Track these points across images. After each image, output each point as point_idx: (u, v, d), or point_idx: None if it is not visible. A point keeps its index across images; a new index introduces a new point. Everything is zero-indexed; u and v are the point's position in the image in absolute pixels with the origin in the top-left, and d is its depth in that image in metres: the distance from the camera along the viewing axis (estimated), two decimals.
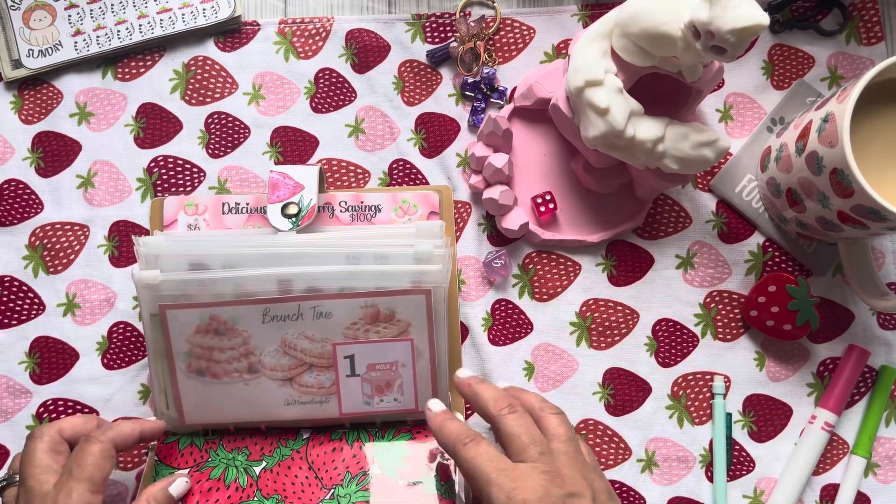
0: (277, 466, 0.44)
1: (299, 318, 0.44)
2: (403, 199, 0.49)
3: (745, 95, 0.52)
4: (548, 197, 0.50)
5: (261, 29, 0.52)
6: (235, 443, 0.46)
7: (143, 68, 0.51)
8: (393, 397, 0.45)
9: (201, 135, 0.51)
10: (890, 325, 0.51)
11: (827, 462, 0.50)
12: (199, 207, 0.48)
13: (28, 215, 0.50)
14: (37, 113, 0.51)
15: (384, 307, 0.44)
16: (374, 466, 0.44)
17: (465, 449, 0.37)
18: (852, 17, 0.52)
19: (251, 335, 0.44)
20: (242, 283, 0.43)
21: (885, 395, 0.50)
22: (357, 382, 0.45)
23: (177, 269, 0.44)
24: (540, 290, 0.51)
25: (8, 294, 0.50)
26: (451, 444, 0.38)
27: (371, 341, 0.44)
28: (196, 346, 0.44)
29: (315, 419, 0.46)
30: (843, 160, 0.40)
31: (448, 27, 0.52)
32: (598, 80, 0.42)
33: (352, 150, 0.51)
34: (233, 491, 0.43)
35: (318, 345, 0.44)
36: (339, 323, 0.44)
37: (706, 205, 0.52)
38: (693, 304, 0.51)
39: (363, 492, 0.43)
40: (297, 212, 0.46)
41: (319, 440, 0.46)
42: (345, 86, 0.52)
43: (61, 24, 0.51)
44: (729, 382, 0.50)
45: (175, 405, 0.45)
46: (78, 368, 0.50)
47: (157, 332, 0.44)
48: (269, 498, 0.43)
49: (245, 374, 0.45)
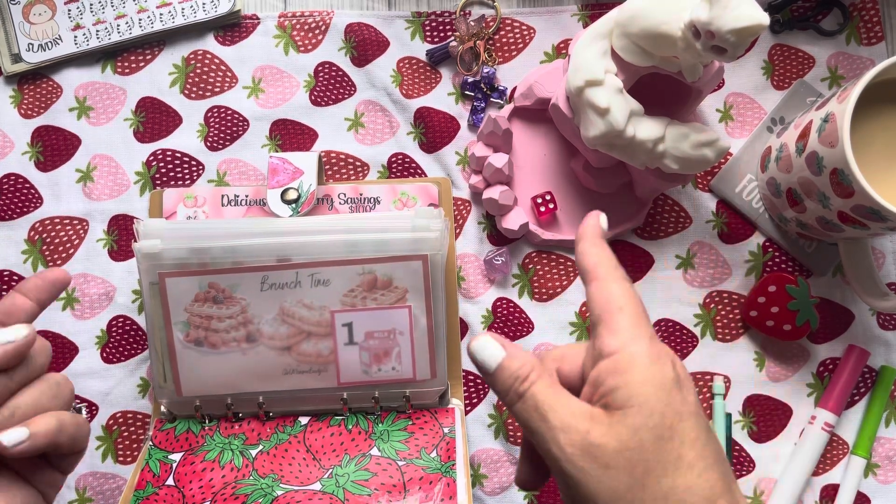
0: (274, 449, 0.44)
1: (297, 286, 0.44)
2: (402, 191, 0.49)
3: (745, 95, 0.52)
4: (548, 197, 0.50)
5: (260, 23, 0.52)
6: (232, 429, 0.46)
7: (143, 62, 0.51)
8: (391, 366, 0.45)
9: (200, 128, 0.51)
10: (890, 325, 0.51)
11: (827, 462, 0.50)
12: (199, 199, 0.48)
13: (27, 209, 0.50)
14: (36, 107, 0.51)
15: (382, 274, 0.44)
16: (373, 450, 0.44)
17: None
18: (852, 17, 0.52)
19: (249, 303, 0.44)
20: (241, 252, 0.44)
21: (884, 395, 0.50)
22: (355, 351, 0.45)
23: (177, 245, 0.44)
24: (540, 290, 0.50)
25: (7, 288, 0.50)
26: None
27: (369, 309, 0.45)
28: (195, 315, 0.44)
29: (313, 388, 0.46)
30: (844, 160, 0.40)
31: (448, 26, 0.52)
32: (598, 80, 0.42)
33: (351, 144, 0.51)
34: (227, 471, 0.43)
35: (316, 312, 0.45)
36: (337, 290, 0.44)
37: (706, 205, 0.52)
38: (693, 305, 0.51)
39: (362, 471, 0.43)
40: (296, 197, 0.46)
41: (318, 426, 0.46)
42: (344, 79, 0.52)
43: (61, 19, 0.51)
44: (729, 383, 0.50)
45: (172, 376, 0.45)
46: (77, 362, 0.49)
47: (155, 302, 0.44)
48: (265, 477, 0.43)
49: (243, 343, 0.45)
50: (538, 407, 0.28)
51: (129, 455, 0.49)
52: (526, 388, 0.29)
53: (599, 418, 0.27)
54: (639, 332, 0.28)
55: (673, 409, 0.27)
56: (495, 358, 0.30)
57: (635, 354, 0.28)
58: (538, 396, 0.28)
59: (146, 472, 0.43)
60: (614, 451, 0.26)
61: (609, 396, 0.27)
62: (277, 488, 0.42)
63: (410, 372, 0.45)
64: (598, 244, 0.31)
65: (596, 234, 0.32)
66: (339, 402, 0.46)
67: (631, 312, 0.29)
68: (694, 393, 0.28)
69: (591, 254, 0.31)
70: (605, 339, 0.28)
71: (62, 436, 0.31)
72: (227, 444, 0.45)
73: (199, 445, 0.45)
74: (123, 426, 0.49)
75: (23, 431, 0.30)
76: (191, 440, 0.45)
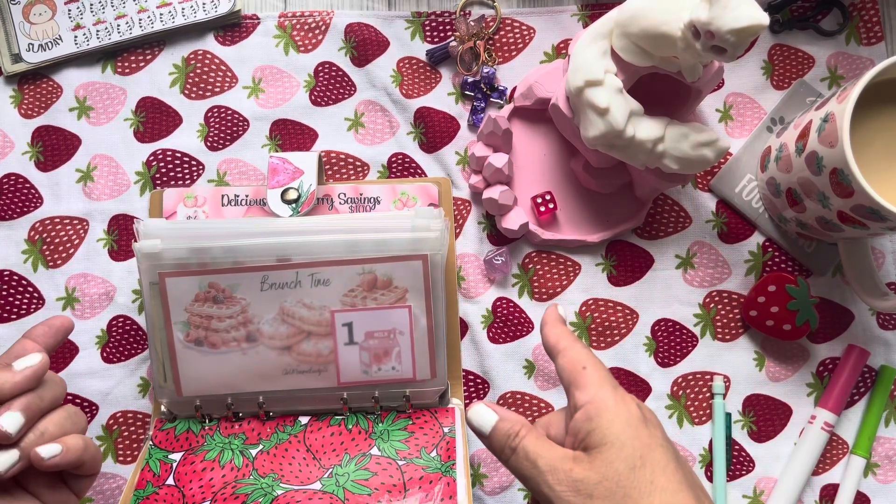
0: (274, 449, 0.44)
1: (297, 286, 0.44)
2: (402, 190, 0.49)
3: (745, 95, 0.52)
4: (548, 197, 0.50)
5: (261, 23, 0.52)
6: (232, 429, 0.46)
7: (143, 62, 0.51)
8: (391, 366, 0.45)
9: (200, 128, 0.51)
10: (890, 325, 0.51)
11: (826, 462, 0.50)
12: (199, 199, 0.48)
13: (27, 209, 0.50)
14: (36, 107, 0.51)
15: (381, 273, 0.44)
16: (373, 449, 0.44)
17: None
18: (852, 17, 0.52)
19: (249, 303, 0.44)
20: (241, 252, 0.44)
21: (884, 395, 0.50)
22: (355, 351, 0.45)
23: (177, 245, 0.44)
24: (539, 290, 0.51)
25: (7, 288, 0.50)
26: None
27: (369, 308, 0.45)
28: (195, 314, 0.44)
29: (313, 388, 0.46)
30: (843, 160, 0.40)
31: (448, 26, 0.52)
32: (598, 80, 0.42)
33: (351, 144, 0.51)
34: (227, 471, 0.43)
35: (316, 312, 0.45)
36: (337, 290, 0.44)
37: (706, 205, 0.52)
38: (692, 304, 0.51)
39: (362, 471, 0.43)
40: (296, 197, 0.46)
41: (318, 426, 0.46)
42: (344, 79, 0.52)
43: (61, 19, 0.51)
44: (728, 382, 0.50)
45: (172, 376, 0.45)
46: (77, 362, 0.49)
47: (156, 302, 0.44)
48: (265, 477, 0.43)
49: (243, 342, 0.45)
50: (528, 456, 0.33)
51: (130, 455, 0.49)
52: (517, 443, 0.34)
53: (580, 458, 0.32)
54: (603, 382, 0.34)
55: (642, 442, 0.32)
56: (490, 422, 0.35)
57: (603, 399, 0.33)
58: (528, 447, 0.33)
59: (146, 472, 0.43)
60: (596, 482, 0.31)
61: (587, 439, 0.32)
62: (277, 488, 0.42)
63: (410, 372, 0.45)
64: (559, 326, 0.38)
65: (555, 319, 0.38)
66: (339, 402, 0.46)
67: (593, 369, 0.34)
68: (660, 428, 0.34)
69: (554, 333, 0.37)
70: (577, 395, 0.34)
71: (86, 454, 0.36)
72: (228, 444, 0.45)
73: (199, 445, 0.45)
74: (123, 426, 0.49)
75: (57, 447, 0.35)
76: (191, 440, 0.45)
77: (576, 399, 0.34)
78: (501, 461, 0.35)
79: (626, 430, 0.32)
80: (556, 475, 0.32)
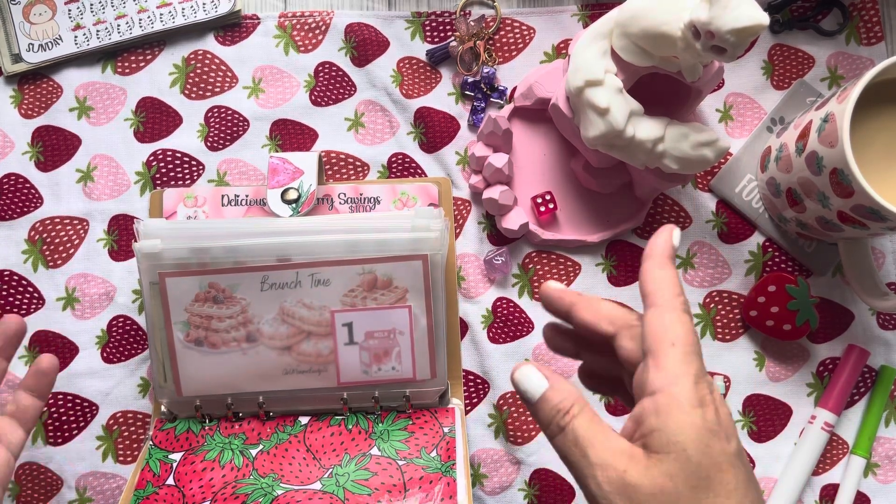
0: (274, 449, 0.44)
1: (297, 286, 0.44)
2: (402, 190, 0.49)
3: (745, 95, 0.52)
4: (548, 197, 0.50)
5: (261, 23, 0.52)
6: (232, 429, 0.46)
7: (143, 62, 0.51)
8: (391, 366, 0.45)
9: (201, 128, 0.51)
10: (890, 325, 0.51)
11: (827, 462, 0.50)
12: (199, 199, 0.48)
13: (28, 209, 0.50)
14: (36, 107, 0.51)
15: (382, 273, 0.44)
16: (373, 449, 0.44)
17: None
18: (852, 17, 0.52)
19: (250, 303, 0.44)
20: (241, 252, 0.44)
21: (884, 395, 0.50)
22: (355, 351, 0.45)
23: (178, 245, 0.44)
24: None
25: (7, 288, 0.50)
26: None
27: (369, 308, 0.45)
28: (195, 315, 0.44)
29: (313, 388, 0.46)
30: (843, 160, 0.40)
31: (448, 26, 0.52)
32: (598, 80, 0.42)
33: (351, 144, 0.51)
34: (227, 471, 0.43)
35: (316, 312, 0.45)
36: (337, 290, 0.44)
37: (706, 205, 0.52)
38: (693, 305, 0.51)
39: (362, 471, 0.43)
40: (296, 197, 0.46)
41: (318, 426, 0.46)
42: (344, 80, 0.52)
43: (61, 19, 0.51)
44: (729, 382, 0.50)
45: (172, 376, 0.45)
46: (77, 362, 0.49)
47: (156, 302, 0.44)
48: (265, 477, 0.43)
49: (243, 342, 0.45)
50: (578, 442, 0.28)
51: (130, 455, 0.49)
52: (567, 422, 0.29)
53: (638, 458, 0.28)
54: (685, 370, 0.28)
55: (711, 459, 0.27)
56: (539, 388, 0.30)
57: (677, 397, 0.28)
58: (578, 431, 0.29)
59: (146, 472, 0.43)
60: (649, 493, 0.27)
61: (648, 437, 0.28)
62: (277, 488, 0.42)
63: (410, 372, 0.46)
64: (665, 266, 0.31)
65: (664, 253, 0.31)
66: (339, 402, 0.46)
67: (681, 349, 0.28)
68: (736, 438, 0.28)
69: (655, 278, 0.30)
70: (652, 374, 0.28)
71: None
72: (228, 444, 0.45)
73: (199, 445, 0.45)
74: (124, 426, 0.49)
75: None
76: (191, 440, 0.45)
77: (649, 379, 0.28)
78: (546, 436, 0.31)
79: (695, 442, 0.27)
80: (607, 472, 0.28)
